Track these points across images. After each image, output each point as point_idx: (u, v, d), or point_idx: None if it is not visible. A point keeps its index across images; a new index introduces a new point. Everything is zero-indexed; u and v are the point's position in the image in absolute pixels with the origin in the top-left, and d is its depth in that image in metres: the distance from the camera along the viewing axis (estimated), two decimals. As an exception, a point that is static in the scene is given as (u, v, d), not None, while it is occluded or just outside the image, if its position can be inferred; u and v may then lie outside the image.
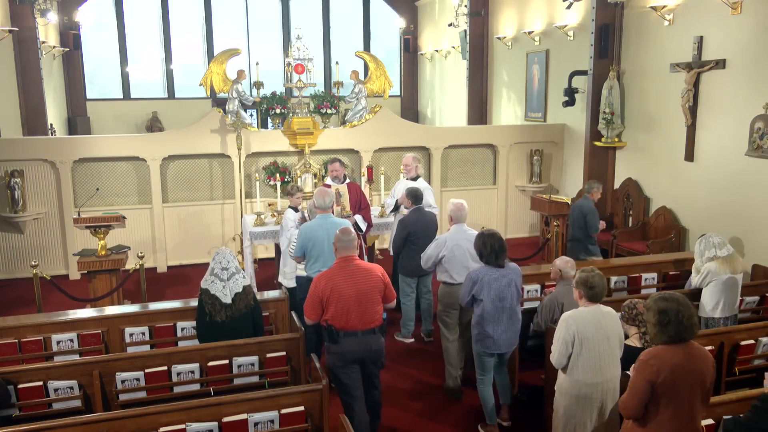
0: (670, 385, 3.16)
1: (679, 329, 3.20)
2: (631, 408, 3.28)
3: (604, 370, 3.97)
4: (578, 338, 3.92)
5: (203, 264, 8.40)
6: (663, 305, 3.23)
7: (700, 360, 3.23)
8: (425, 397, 5.61)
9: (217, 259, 4.88)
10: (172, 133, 9.76)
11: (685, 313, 3.21)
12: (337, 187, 7.19)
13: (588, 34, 9.31)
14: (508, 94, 12.66)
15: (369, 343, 4.47)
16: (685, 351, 3.22)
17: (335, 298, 4.38)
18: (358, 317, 4.41)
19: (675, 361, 3.18)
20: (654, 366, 3.18)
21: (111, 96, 16.34)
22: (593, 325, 3.94)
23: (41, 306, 6.82)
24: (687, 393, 3.19)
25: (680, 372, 3.17)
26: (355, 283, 4.42)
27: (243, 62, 15.02)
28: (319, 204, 5.75)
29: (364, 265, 4.57)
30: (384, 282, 4.54)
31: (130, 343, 5.16)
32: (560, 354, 3.99)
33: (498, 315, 4.77)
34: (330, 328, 4.42)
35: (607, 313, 4.02)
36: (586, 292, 4.02)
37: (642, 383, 3.21)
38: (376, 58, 9.97)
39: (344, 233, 4.58)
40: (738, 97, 7.18)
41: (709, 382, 3.26)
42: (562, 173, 10.87)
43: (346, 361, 4.46)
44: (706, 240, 5.61)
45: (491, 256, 4.79)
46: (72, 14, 14.60)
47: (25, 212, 8.62)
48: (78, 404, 4.39)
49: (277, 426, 3.91)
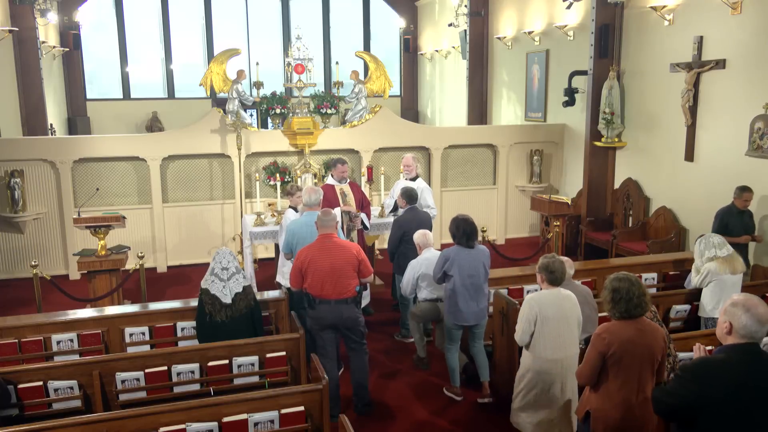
0: (620, 357, 3.44)
1: (629, 306, 3.46)
2: (584, 376, 3.62)
3: (563, 347, 4.31)
4: (540, 318, 4.25)
5: (203, 264, 8.41)
6: (616, 284, 3.51)
7: (650, 335, 3.50)
8: (432, 399, 5.62)
9: (217, 259, 4.88)
10: (172, 133, 9.76)
11: (635, 291, 3.47)
12: (341, 188, 7.21)
13: (588, 34, 9.31)
14: (508, 94, 12.66)
15: (341, 311, 5.02)
16: (635, 327, 3.48)
17: (312, 270, 4.96)
18: (332, 288, 4.96)
19: (625, 335, 3.45)
20: (605, 339, 3.47)
21: (111, 96, 16.33)
22: (553, 307, 4.28)
23: (41, 306, 6.82)
24: (637, 364, 3.46)
25: (630, 345, 3.44)
26: (330, 258, 4.97)
27: (243, 62, 15.01)
28: (306, 201, 5.92)
29: (340, 242, 5.13)
30: (359, 259, 5.07)
31: (130, 343, 5.16)
32: (523, 332, 4.33)
33: (467, 290, 5.24)
34: (308, 295, 5.04)
35: (566, 296, 4.36)
36: (547, 276, 4.35)
37: (594, 354, 3.51)
38: (376, 58, 9.98)
39: (325, 214, 5.14)
40: (738, 97, 7.18)
41: (660, 355, 3.52)
42: (562, 173, 10.87)
43: (322, 326, 5.06)
44: (706, 240, 5.61)
45: (463, 238, 5.29)
46: (72, 14, 14.60)
47: (25, 212, 8.62)
48: (78, 404, 4.39)
49: (277, 426, 3.91)
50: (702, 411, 2.76)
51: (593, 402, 3.59)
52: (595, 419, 3.56)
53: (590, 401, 3.62)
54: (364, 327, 5.23)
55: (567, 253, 9.00)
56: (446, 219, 6.08)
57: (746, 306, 2.77)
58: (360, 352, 5.25)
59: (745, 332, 2.77)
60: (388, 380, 5.91)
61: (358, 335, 5.18)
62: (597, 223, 9.33)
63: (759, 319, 2.75)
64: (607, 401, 3.51)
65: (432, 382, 5.86)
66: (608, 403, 3.50)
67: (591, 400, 3.61)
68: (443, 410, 5.40)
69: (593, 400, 3.59)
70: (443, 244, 9.74)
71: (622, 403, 3.47)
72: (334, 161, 7.47)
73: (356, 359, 5.27)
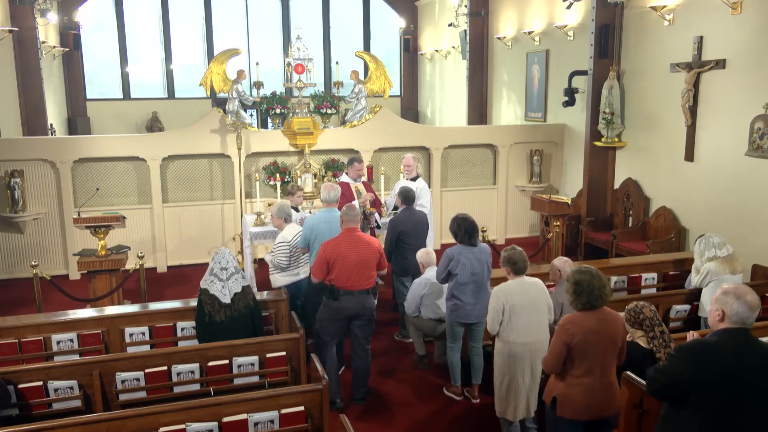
0: (583, 346, 3.67)
1: (591, 298, 3.69)
2: (550, 365, 3.83)
3: (532, 332, 4.55)
4: (507, 307, 4.51)
5: (203, 264, 8.39)
6: (578, 277, 3.74)
7: (611, 323, 3.75)
8: (430, 401, 5.62)
9: (217, 259, 4.88)
10: (172, 133, 9.76)
11: (596, 284, 3.69)
12: (356, 186, 7.28)
13: (588, 34, 9.30)
14: (508, 94, 12.66)
15: (363, 302, 5.28)
16: (597, 316, 3.72)
17: (340, 262, 5.16)
18: (357, 279, 5.20)
19: (588, 325, 3.68)
20: (569, 330, 3.69)
21: (111, 96, 16.33)
22: (519, 294, 4.53)
23: (41, 306, 6.82)
24: (600, 352, 3.71)
25: (593, 335, 3.67)
26: (356, 251, 5.20)
27: (243, 62, 15.01)
28: (325, 198, 6.15)
29: (364, 236, 5.37)
30: (379, 252, 5.37)
31: (130, 343, 5.16)
32: (492, 321, 4.60)
33: (470, 288, 5.28)
34: (333, 287, 5.21)
35: (532, 283, 4.62)
36: (511, 268, 4.62)
37: (559, 344, 3.74)
38: (376, 58, 9.97)
39: (350, 209, 5.36)
40: (738, 97, 7.18)
41: (621, 341, 3.80)
42: (562, 173, 10.87)
43: (341, 315, 5.28)
44: (705, 240, 5.61)
45: (465, 236, 5.32)
46: (72, 14, 14.60)
47: (25, 212, 8.62)
48: (78, 404, 4.39)
49: (277, 426, 3.91)
50: (694, 388, 2.93)
51: (560, 388, 3.81)
52: (561, 404, 3.78)
53: (557, 387, 3.83)
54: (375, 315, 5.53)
55: (567, 253, 8.99)
56: (447, 219, 6.08)
57: (737, 294, 3.00)
58: (363, 349, 5.41)
59: (737, 318, 2.98)
60: (388, 380, 5.92)
61: (367, 324, 5.43)
62: (597, 223, 9.32)
63: (749, 306, 2.97)
64: (573, 387, 3.74)
65: (432, 382, 5.86)
66: (574, 389, 3.74)
67: (557, 386, 3.83)
68: (443, 410, 5.40)
69: (560, 387, 3.81)
70: (443, 244, 9.75)
71: (587, 388, 3.71)
72: (350, 159, 7.66)
73: (359, 359, 5.42)
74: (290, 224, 6.19)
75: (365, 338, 5.42)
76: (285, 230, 6.13)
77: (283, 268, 6.08)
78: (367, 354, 5.48)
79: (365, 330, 5.41)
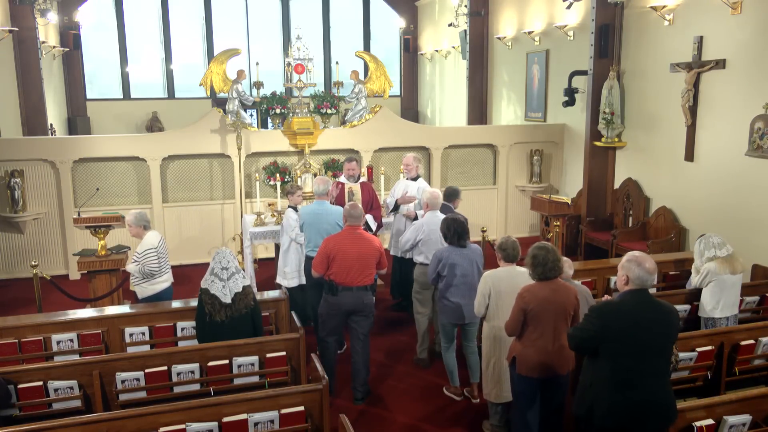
0: (537, 312, 4.16)
1: (545, 270, 4.16)
2: (510, 328, 4.34)
3: None
4: (493, 292, 4.76)
5: (203, 264, 8.39)
6: (535, 251, 4.21)
7: (563, 293, 4.21)
8: (430, 400, 5.62)
9: (217, 259, 4.88)
10: (172, 133, 9.76)
11: (550, 257, 4.17)
12: (350, 186, 7.25)
13: (588, 34, 9.30)
14: (508, 94, 12.66)
15: (361, 298, 5.40)
16: (551, 287, 4.19)
17: (340, 257, 5.31)
18: (356, 275, 5.34)
19: (542, 294, 4.17)
20: (526, 298, 4.19)
21: (111, 96, 16.34)
22: (507, 281, 4.74)
23: (41, 306, 6.81)
24: (552, 318, 4.18)
25: (546, 303, 4.16)
26: (357, 248, 5.35)
27: (243, 62, 15.02)
28: (315, 190, 6.40)
29: (365, 235, 5.51)
30: (380, 251, 5.49)
31: (130, 343, 5.16)
32: (479, 304, 4.86)
33: (460, 290, 5.35)
34: (331, 283, 5.36)
35: (520, 272, 4.76)
36: (502, 255, 4.85)
37: (517, 310, 4.23)
38: (376, 58, 9.97)
39: (353, 208, 5.50)
40: (738, 97, 7.18)
41: (571, 309, 4.23)
42: (562, 173, 10.87)
43: (339, 311, 5.41)
44: (705, 240, 5.61)
45: (454, 238, 5.40)
46: (72, 14, 14.60)
47: (25, 212, 8.62)
48: (78, 404, 4.39)
49: (277, 426, 3.91)
50: (604, 340, 3.53)
51: (518, 349, 4.31)
52: (519, 363, 4.29)
53: (515, 348, 4.34)
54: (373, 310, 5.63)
55: (567, 253, 9.00)
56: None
57: (638, 261, 3.55)
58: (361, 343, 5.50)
59: (638, 282, 3.55)
60: (388, 380, 5.92)
61: (369, 316, 5.53)
62: (597, 223, 9.32)
63: (647, 270, 3.54)
64: (528, 348, 4.25)
65: (432, 382, 5.87)
66: (529, 349, 4.24)
67: (516, 347, 4.34)
68: (443, 410, 5.40)
69: (518, 348, 4.32)
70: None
71: (541, 349, 4.21)
72: (345, 159, 7.59)
73: (358, 353, 5.51)
74: (150, 231, 5.97)
75: (363, 333, 5.49)
76: (147, 238, 5.88)
77: (154, 275, 5.84)
78: (366, 349, 5.52)
79: (363, 325, 5.47)
